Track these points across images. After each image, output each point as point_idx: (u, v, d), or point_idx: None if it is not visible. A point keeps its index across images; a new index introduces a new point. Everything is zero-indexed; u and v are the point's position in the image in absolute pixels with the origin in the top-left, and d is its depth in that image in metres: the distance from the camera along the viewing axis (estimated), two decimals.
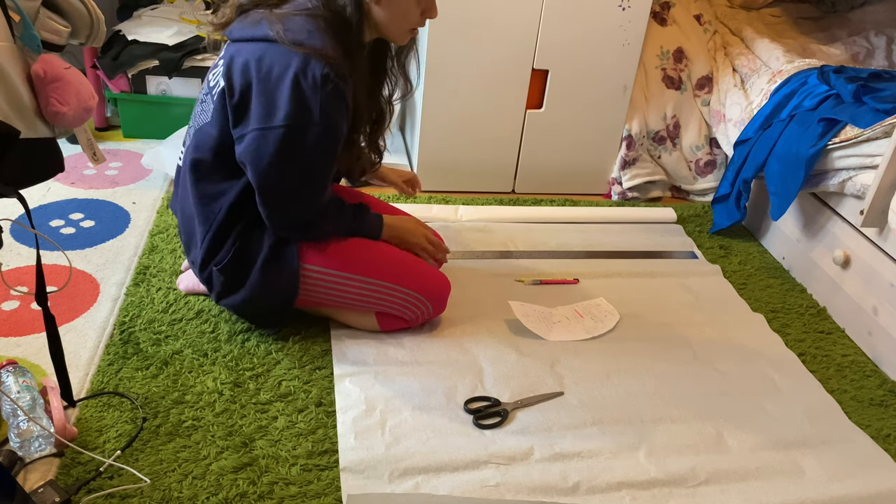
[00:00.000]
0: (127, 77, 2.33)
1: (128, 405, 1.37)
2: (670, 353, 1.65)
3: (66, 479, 1.20)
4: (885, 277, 1.69)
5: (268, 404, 1.40)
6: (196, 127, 1.49)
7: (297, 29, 1.35)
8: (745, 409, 1.51)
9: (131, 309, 1.61)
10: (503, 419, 1.41)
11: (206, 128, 1.45)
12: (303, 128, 1.35)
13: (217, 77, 1.43)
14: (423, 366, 1.53)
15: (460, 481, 1.27)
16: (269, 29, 1.36)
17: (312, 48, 1.33)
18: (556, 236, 2.10)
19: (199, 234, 1.49)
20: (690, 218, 2.27)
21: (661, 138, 2.37)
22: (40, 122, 1.10)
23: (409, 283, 1.54)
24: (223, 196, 1.46)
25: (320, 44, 1.34)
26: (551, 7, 2.10)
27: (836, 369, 1.67)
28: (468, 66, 2.14)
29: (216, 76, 1.44)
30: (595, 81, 2.24)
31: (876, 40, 2.43)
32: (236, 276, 1.49)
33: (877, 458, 1.42)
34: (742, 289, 1.94)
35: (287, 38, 1.34)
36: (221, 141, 1.43)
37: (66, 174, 2.12)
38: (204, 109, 1.47)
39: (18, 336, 1.51)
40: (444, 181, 2.30)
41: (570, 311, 1.75)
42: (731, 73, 2.31)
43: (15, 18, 1.05)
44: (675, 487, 1.31)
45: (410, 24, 1.46)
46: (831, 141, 1.81)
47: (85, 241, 1.85)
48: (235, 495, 1.21)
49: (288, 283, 1.50)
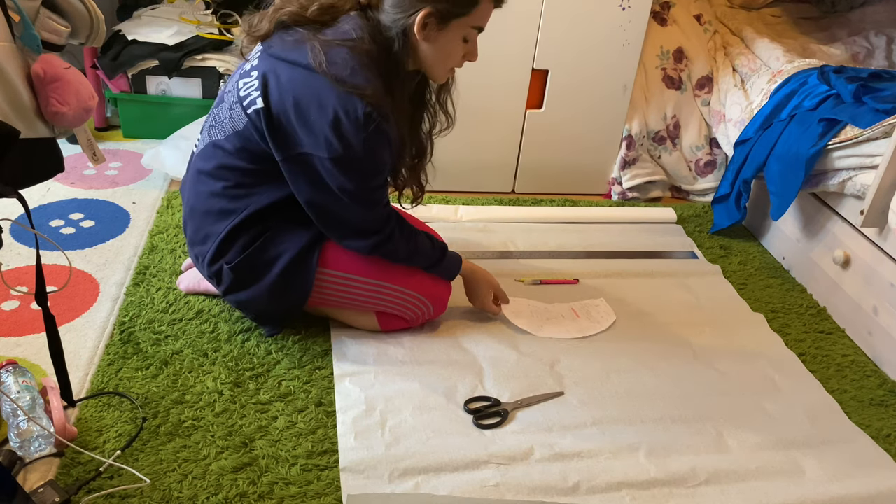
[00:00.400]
0: (127, 77, 2.33)
1: (128, 405, 1.37)
2: (670, 353, 1.65)
3: (66, 479, 1.20)
4: (885, 277, 1.69)
5: (268, 404, 1.40)
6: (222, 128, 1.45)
7: (341, 63, 1.32)
8: (745, 409, 1.51)
9: (131, 309, 1.61)
10: (503, 419, 1.41)
11: (233, 137, 1.42)
12: (347, 161, 1.35)
13: (249, 89, 1.39)
14: (423, 366, 1.53)
15: (460, 481, 1.27)
16: (311, 57, 1.33)
17: (354, 86, 1.31)
18: (556, 236, 2.10)
19: (212, 229, 1.47)
20: (690, 218, 2.27)
21: (661, 138, 2.37)
22: (40, 122, 1.10)
23: (409, 283, 1.54)
24: (249, 198, 1.44)
25: (363, 82, 1.32)
26: (551, 7, 2.10)
27: (836, 369, 1.67)
28: (468, 66, 2.14)
29: (248, 87, 1.40)
30: (595, 81, 2.24)
31: (876, 40, 2.43)
32: (250, 275, 1.48)
33: (877, 458, 1.42)
34: (742, 289, 1.94)
35: (330, 73, 1.31)
36: (251, 150, 1.41)
37: (66, 174, 2.12)
38: (233, 117, 1.42)
39: (18, 336, 1.51)
40: (444, 181, 2.30)
41: (566, 309, 1.76)
42: (732, 73, 2.31)
43: (15, 18, 1.05)
44: (675, 487, 1.31)
45: (452, 65, 1.46)
46: (831, 141, 1.81)
47: (85, 241, 1.85)
48: (235, 495, 1.21)
49: (303, 290, 1.50)
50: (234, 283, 1.50)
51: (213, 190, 1.46)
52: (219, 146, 1.45)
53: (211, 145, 1.47)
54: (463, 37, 1.42)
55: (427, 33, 1.37)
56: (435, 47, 1.40)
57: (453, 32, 1.40)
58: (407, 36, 1.37)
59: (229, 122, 1.43)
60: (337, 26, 1.37)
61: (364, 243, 1.47)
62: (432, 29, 1.37)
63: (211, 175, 1.47)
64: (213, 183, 1.46)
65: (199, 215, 1.50)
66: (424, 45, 1.39)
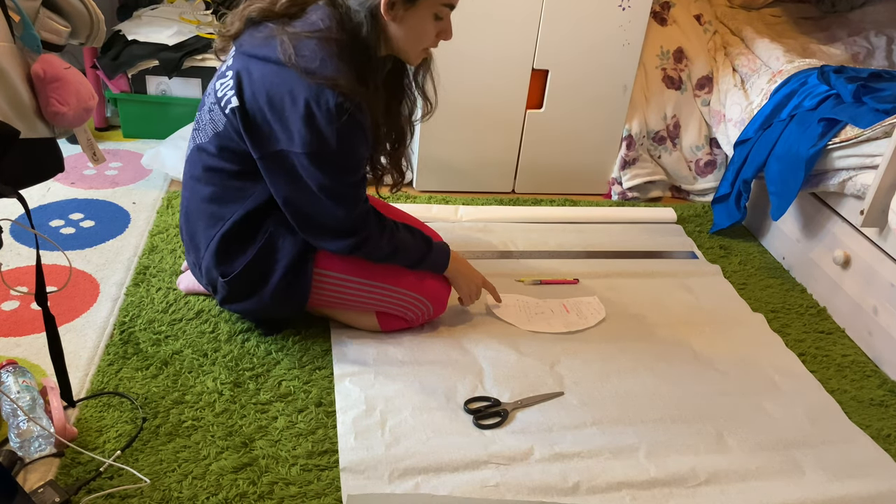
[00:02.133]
0: (127, 77, 2.33)
1: (128, 405, 1.37)
2: (670, 353, 1.65)
3: (66, 479, 1.20)
4: (885, 277, 1.69)
5: (268, 404, 1.40)
6: (204, 131, 1.45)
7: (310, 55, 1.31)
8: (745, 409, 1.51)
9: (131, 309, 1.61)
10: (503, 419, 1.41)
11: (215, 139, 1.42)
12: (322, 154, 1.33)
13: (225, 89, 1.39)
14: (423, 366, 1.53)
15: (460, 481, 1.27)
16: (281, 51, 1.32)
17: (324, 77, 1.30)
18: (556, 236, 2.10)
19: (203, 235, 1.47)
20: (690, 218, 2.27)
21: (661, 138, 2.37)
22: (40, 122, 1.10)
23: (409, 284, 1.54)
24: (236, 203, 1.43)
25: (333, 72, 1.30)
26: (551, 7, 2.10)
27: (836, 369, 1.67)
28: (468, 66, 2.14)
29: (224, 87, 1.40)
30: (595, 81, 2.23)
31: (876, 40, 2.43)
32: (246, 286, 1.47)
33: (877, 458, 1.42)
34: (742, 289, 1.94)
35: (300, 66, 1.30)
36: (233, 150, 1.41)
37: (66, 174, 2.12)
38: (213, 119, 1.42)
39: (18, 336, 1.51)
40: (444, 181, 2.30)
41: (557, 304, 1.76)
42: (732, 73, 2.31)
43: (15, 18, 1.05)
44: (675, 487, 1.31)
45: (425, 45, 1.43)
46: (831, 141, 1.81)
47: (85, 241, 1.85)
48: (235, 495, 1.21)
49: (302, 295, 1.49)
50: (231, 295, 1.49)
51: (203, 195, 1.46)
52: (203, 149, 1.45)
53: (196, 149, 1.48)
54: (434, 14, 1.38)
55: (395, 13, 1.35)
56: (405, 28, 1.38)
57: (423, 10, 1.37)
58: (376, 18, 1.35)
59: (210, 124, 1.43)
60: (305, 17, 1.37)
61: (342, 244, 1.43)
62: (400, 8, 1.35)
63: (199, 179, 1.47)
64: (202, 188, 1.46)
65: (192, 221, 1.50)
66: (394, 26, 1.37)
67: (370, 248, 1.46)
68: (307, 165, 1.34)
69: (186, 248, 1.55)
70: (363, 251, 1.46)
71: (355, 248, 1.44)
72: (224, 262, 1.46)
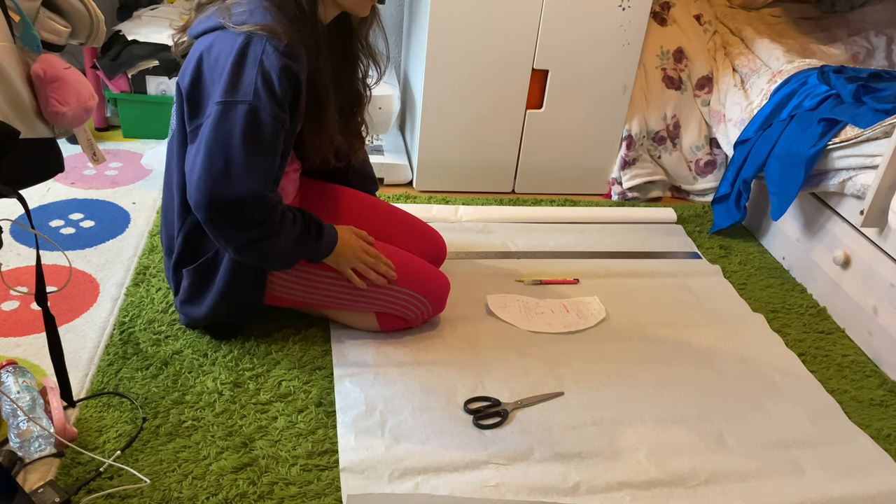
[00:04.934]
0: (127, 77, 2.33)
1: (128, 405, 1.37)
2: (670, 353, 1.65)
3: (66, 479, 1.20)
4: (885, 277, 1.69)
5: (268, 404, 1.40)
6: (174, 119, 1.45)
7: (244, 11, 1.32)
8: (745, 409, 1.51)
9: (131, 309, 1.61)
10: (503, 419, 1.41)
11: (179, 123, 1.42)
12: (232, 106, 1.27)
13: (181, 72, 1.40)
14: (423, 366, 1.53)
15: (460, 481, 1.27)
16: (219, 17, 1.33)
17: (255, 24, 1.29)
18: (556, 236, 2.10)
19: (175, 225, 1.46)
20: (690, 218, 2.27)
21: (661, 138, 2.37)
22: (40, 122, 1.10)
23: (408, 283, 1.54)
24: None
25: (263, 20, 1.30)
26: (551, 7, 2.10)
27: (836, 369, 1.67)
28: (468, 67, 2.14)
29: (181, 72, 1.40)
30: (595, 81, 2.24)
31: (876, 40, 2.43)
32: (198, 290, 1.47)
33: (877, 458, 1.42)
34: (742, 289, 1.94)
35: (233, 22, 1.31)
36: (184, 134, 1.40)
37: (66, 174, 2.12)
38: (176, 102, 1.43)
39: (18, 336, 1.51)
40: (444, 181, 2.30)
41: (557, 304, 1.76)
42: (731, 73, 2.31)
43: (15, 18, 1.05)
44: (675, 487, 1.31)
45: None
46: (831, 141, 1.81)
47: (85, 242, 1.85)
48: (235, 495, 1.21)
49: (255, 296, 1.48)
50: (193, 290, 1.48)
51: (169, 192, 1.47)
52: (172, 137, 1.46)
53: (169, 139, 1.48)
54: None
55: None
56: None
57: None
58: None
59: (176, 111, 1.43)
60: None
61: (242, 236, 1.34)
62: None
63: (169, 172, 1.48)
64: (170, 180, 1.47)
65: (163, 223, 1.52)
66: None
67: (268, 245, 1.36)
68: (217, 118, 1.27)
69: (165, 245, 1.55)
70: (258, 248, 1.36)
71: (254, 242, 1.35)
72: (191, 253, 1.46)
